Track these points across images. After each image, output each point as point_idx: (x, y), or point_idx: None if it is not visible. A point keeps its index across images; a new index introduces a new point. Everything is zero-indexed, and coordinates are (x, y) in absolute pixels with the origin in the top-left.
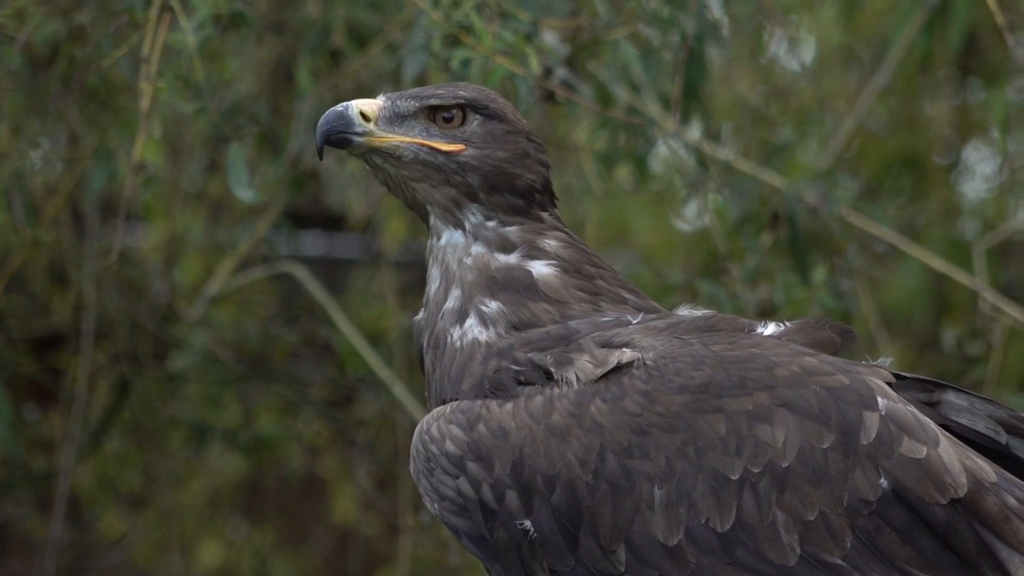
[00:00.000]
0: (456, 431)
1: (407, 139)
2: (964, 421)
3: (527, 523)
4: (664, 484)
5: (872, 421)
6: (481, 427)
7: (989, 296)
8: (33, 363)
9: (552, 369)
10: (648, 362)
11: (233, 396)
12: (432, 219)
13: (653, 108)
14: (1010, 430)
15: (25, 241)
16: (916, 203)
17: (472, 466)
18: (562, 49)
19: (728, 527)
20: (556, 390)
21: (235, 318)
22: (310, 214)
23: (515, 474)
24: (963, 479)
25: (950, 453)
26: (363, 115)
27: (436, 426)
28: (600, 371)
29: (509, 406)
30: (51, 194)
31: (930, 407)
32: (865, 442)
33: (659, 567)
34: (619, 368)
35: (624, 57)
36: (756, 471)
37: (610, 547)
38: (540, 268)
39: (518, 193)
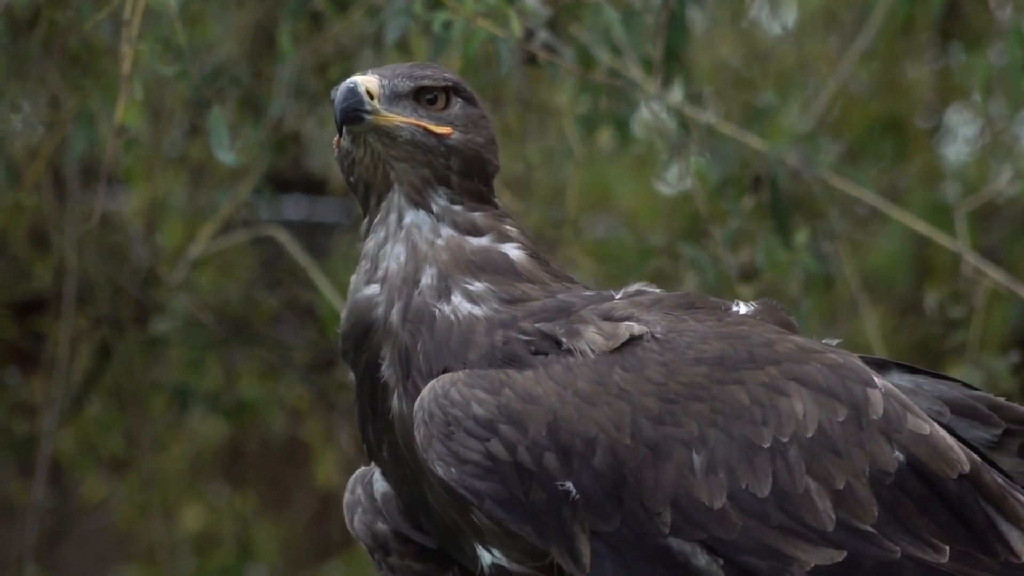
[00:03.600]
0: (482, 395)
1: (407, 120)
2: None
3: (568, 484)
4: (701, 450)
5: (876, 398)
6: (508, 392)
7: (971, 259)
8: (14, 327)
9: (563, 339)
10: (658, 335)
11: (215, 360)
12: (395, 196)
13: (635, 71)
14: (957, 410)
15: (6, 205)
16: (898, 166)
17: (505, 428)
18: (544, 12)
19: (767, 493)
20: (572, 359)
21: (217, 282)
22: (292, 178)
23: (552, 436)
24: (963, 456)
25: (943, 432)
26: (368, 92)
27: (455, 390)
28: (612, 343)
29: (530, 373)
30: (32, 158)
31: None
32: (875, 417)
33: (706, 528)
34: (631, 341)
35: (606, 20)
36: (784, 440)
37: (655, 509)
38: (513, 251)
39: (484, 179)
